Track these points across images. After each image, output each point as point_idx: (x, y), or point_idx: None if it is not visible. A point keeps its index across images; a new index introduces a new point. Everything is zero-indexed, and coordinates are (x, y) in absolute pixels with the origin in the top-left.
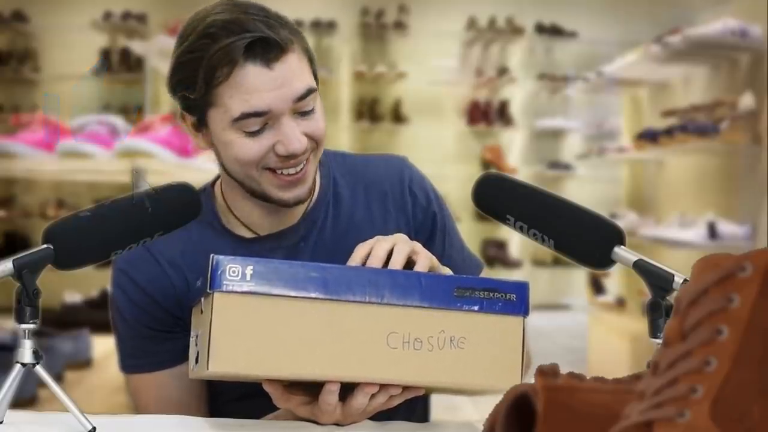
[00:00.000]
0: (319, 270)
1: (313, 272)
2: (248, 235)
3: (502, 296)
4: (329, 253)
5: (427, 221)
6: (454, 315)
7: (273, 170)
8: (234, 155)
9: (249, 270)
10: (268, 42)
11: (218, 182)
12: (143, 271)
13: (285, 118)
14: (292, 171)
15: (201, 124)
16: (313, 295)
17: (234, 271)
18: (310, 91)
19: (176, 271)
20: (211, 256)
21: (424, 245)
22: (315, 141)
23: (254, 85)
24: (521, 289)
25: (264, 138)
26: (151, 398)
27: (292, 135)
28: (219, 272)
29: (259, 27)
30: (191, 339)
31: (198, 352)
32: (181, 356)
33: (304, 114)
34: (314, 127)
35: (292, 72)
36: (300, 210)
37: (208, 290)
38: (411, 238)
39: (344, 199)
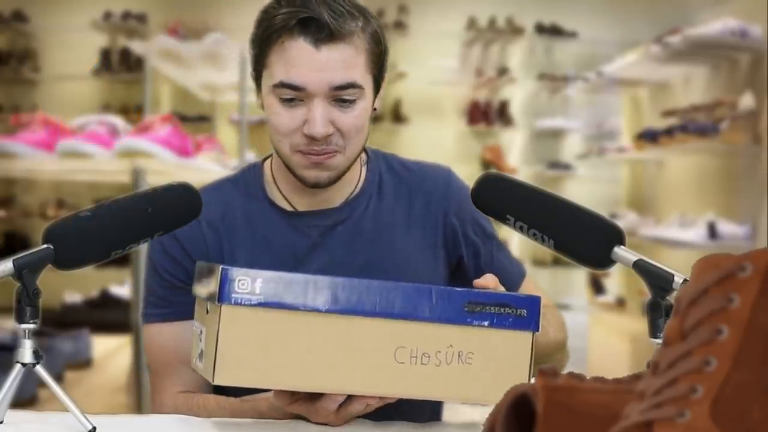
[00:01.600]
0: (329, 283)
1: (323, 285)
2: (288, 208)
3: (513, 311)
4: (364, 242)
5: (466, 229)
6: (463, 330)
7: (302, 152)
8: (270, 121)
9: (258, 282)
10: (322, 24)
11: (270, 158)
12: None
13: (318, 99)
14: (317, 148)
15: (258, 84)
16: (322, 308)
17: (243, 284)
18: (350, 86)
19: (214, 234)
20: (221, 267)
21: (469, 254)
22: (342, 134)
23: (298, 60)
24: (533, 304)
25: (297, 112)
26: (167, 348)
27: (319, 118)
28: (228, 284)
29: (319, 8)
30: (194, 330)
31: (202, 351)
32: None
33: (341, 102)
34: (345, 120)
35: (338, 60)
36: (341, 195)
37: (216, 302)
38: (447, 242)
39: (388, 195)
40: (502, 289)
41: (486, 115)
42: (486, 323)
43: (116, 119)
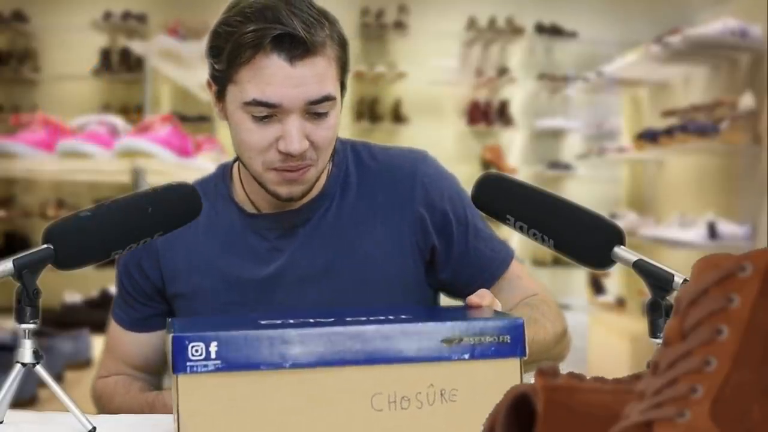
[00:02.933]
0: (290, 336)
1: (285, 339)
2: (251, 210)
3: (494, 339)
4: (325, 243)
5: (436, 217)
6: (443, 366)
7: (276, 169)
8: (240, 137)
9: (213, 347)
10: (297, 39)
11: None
12: None
13: (293, 115)
14: (292, 164)
15: (221, 96)
16: (286, 364)
17: (197, 350)
18: (325, 99)
19: (164, 238)
20: (170, 336)
21: (441, 242)
22: (316, 147)
23: (273, 77)
24: (516, 329)
25: (269, 129)
26: (119, 347)
27: (295, 134)
28: (180, 352)
29: (293, 22)
30: (173, 398)
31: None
32: (148, 326)
33: (315, 116)
34: (319, 134)
35: (313, 75)
36: (305, 196)
37: (171, 372)
38: (416, 232)
39: (352, 189)
40: (497, 304)
41: (486, 115)
42: (467, 356)
43: (116, 119)
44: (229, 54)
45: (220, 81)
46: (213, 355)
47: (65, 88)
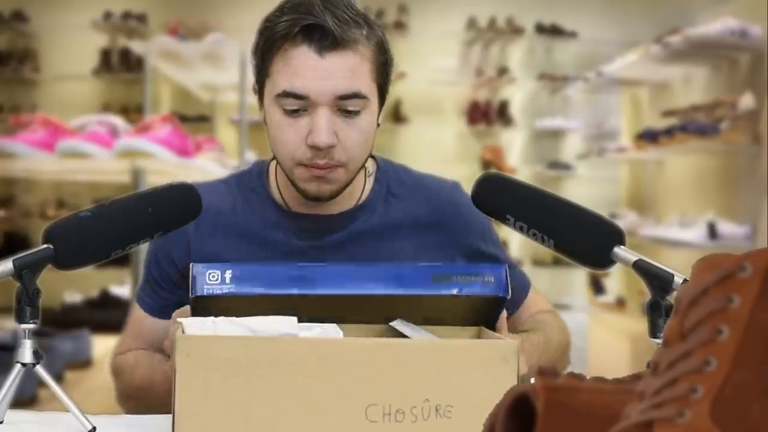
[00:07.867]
0: (299, 268)
1: (292, 270)
2: (286, 209)
3: (479, 279)
4: (363, 251)
5: (474, 242)
6: (439, 380)
7: (305, 165)
8: (274, 133)
9: (228, 273)
10: (326, 31)
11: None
12: None
13: (322, 108)
14: (320, 161)
15: (261, 97)
16: (293, 291)
17: (214, 276)
18: (355, 95)
19: (197, 228)
20: (191, 264)
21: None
22: (345, 148)
23: (302, 67)
24: (498, 270)
25: (301, 123)
26: (134, 330)
27: (323, 126)
28: (199, 277)
29: (324, 15)
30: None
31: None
32: (166, 312)
33: (346, 114)
34: (349, 134)
35: (343, 69)
36: (340, 205)
37: (190, 295)
38: (452, 253)
39: (394, 206)
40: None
41: (486, 115)
42: (455, 291)
43: (116, 119)
44: (263, 46)
45: (259, 79)
46: (228, 281)
47: (65, 88)
